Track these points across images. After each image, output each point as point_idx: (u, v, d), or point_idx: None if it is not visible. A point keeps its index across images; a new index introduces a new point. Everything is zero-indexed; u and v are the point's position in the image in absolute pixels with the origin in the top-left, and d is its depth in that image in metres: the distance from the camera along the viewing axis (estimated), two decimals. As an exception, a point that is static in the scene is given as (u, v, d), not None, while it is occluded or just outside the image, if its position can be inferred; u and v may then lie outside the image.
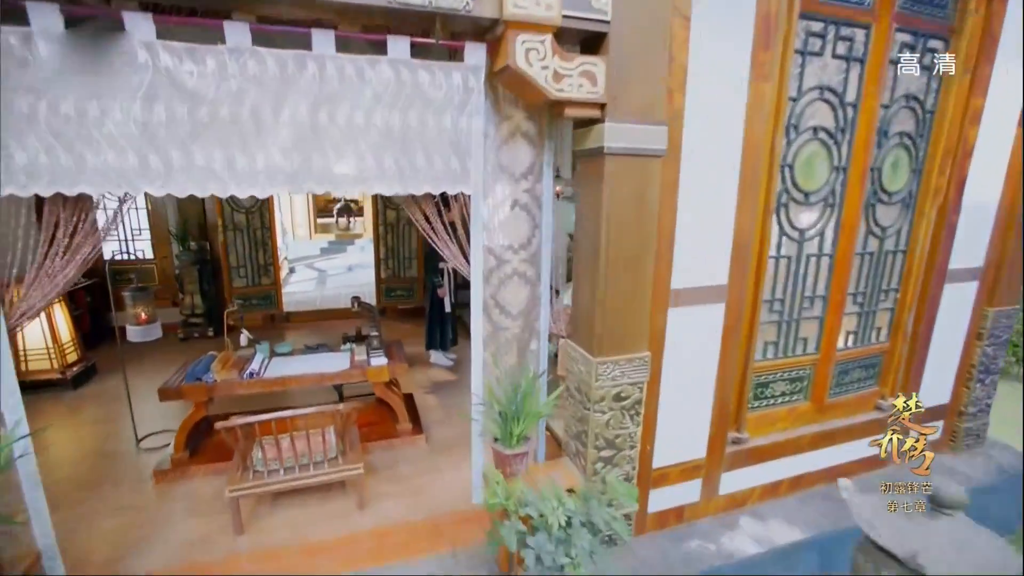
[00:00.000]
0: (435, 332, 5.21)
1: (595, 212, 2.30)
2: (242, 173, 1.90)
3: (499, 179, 2.41)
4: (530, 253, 2.54)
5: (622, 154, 2.21)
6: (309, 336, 6.06)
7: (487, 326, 2.56)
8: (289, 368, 3.50)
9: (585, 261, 2.44)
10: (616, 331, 2.41)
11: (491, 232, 2.45)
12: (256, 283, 6.28)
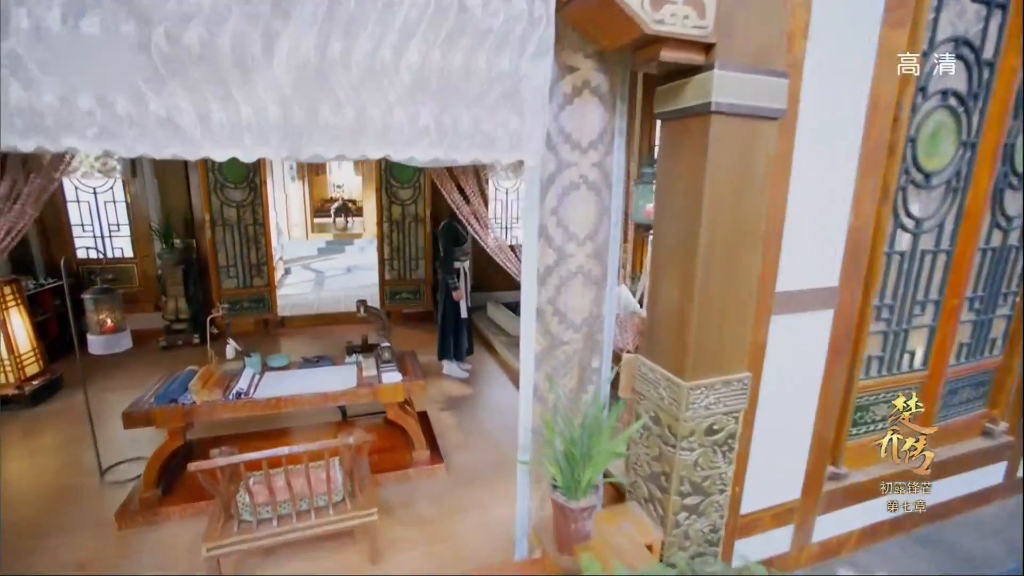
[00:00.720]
0: (449, 340, 4.65)
1: (691, 189, 1.75)
2: (220, 129, 1.34)
3: (560, 149, 1.85)
4: (596, 245, 1.98)
5: (732, 113, 1.66)
6: (307, 344, 5.47)
7: (541, 340, 1.99)
8: (285, 386, 2.93)
9: (671, 255, 1.89)
10: (713, 345, 1.86)
11: (550, 218, 1.89)
12: (248, 285, 5.69)
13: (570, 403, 2.06)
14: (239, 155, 1.36)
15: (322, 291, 7.74)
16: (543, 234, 1.91)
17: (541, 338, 2.00)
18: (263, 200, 5.61)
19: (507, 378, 4.83)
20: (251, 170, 5.50)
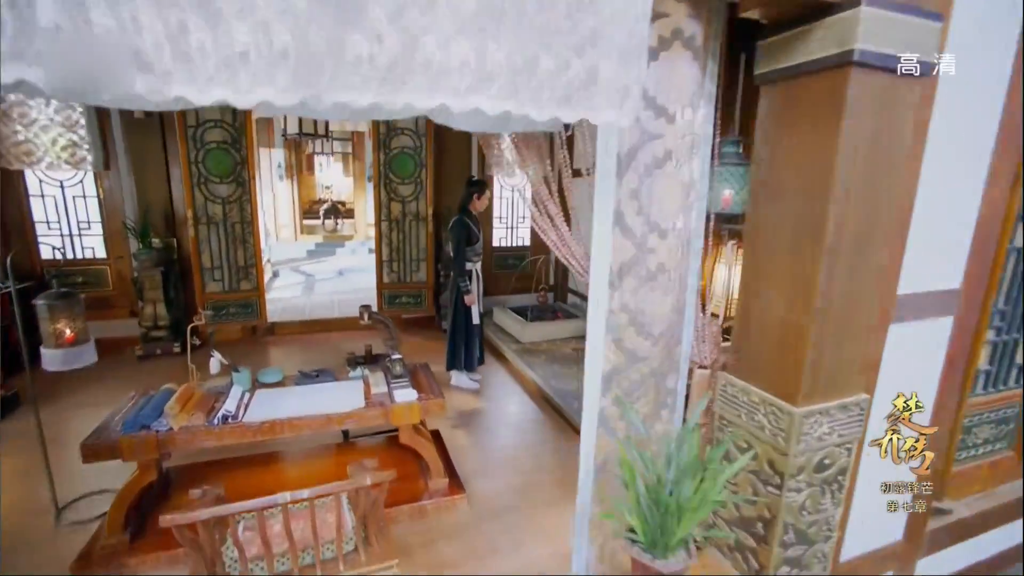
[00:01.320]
0: (460, 348, 4.22)
1: (814, 170, 1.37)
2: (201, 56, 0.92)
3: (642, 115, 1.46)
4: (681, 238, 1.59)
5: (877, 67, 1.28)
6: (300, 355, 5.00)
7: (612, 356, 1.59)
8: (280, 406, 2.48)
9: (776, 252, 1.51)
10: (830, 363, 1.48)
11: (628, 203, 1.50)
12: (234, 288, 5.21)
13: (653, 433, 1.66)
14: (229, 97, 0.95)
15: (313, 295, 7.26)
16: (619, 223, 1.51)
17: (612, 354, 1.60)
18: (252, 196, 5.14)
19: (521, 389, 4.42)
20: (239, 163, 5.03)
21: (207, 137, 4.88)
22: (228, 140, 4.97)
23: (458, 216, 4.06)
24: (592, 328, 1.58)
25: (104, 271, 4.99)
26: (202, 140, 4.87)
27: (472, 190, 4.06)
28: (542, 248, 6.82)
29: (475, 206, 4.11)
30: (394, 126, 5.59)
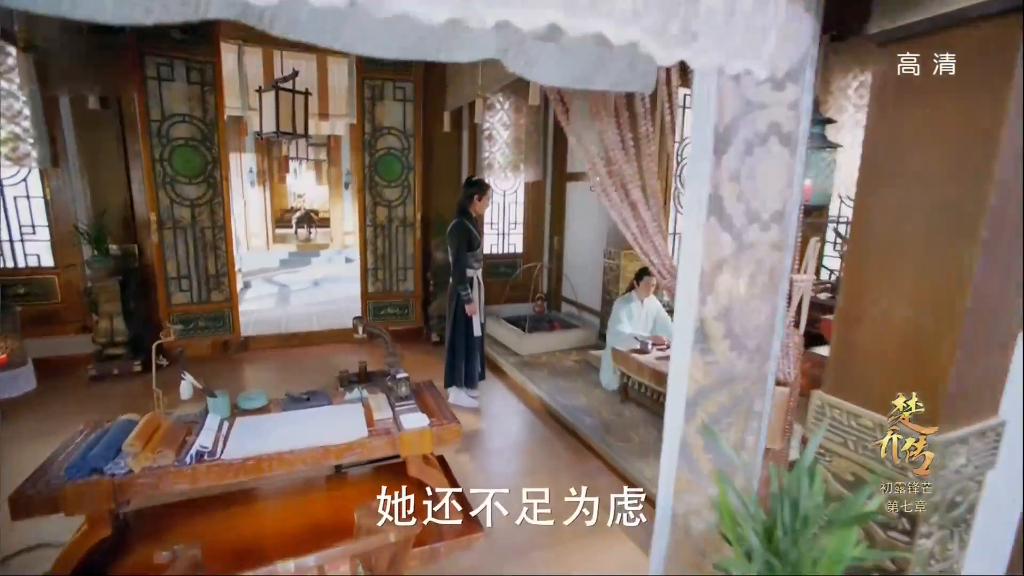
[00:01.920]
0: (460, 364, 3.86)
1: (963, 148, 1.12)
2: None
3: (742, 78, 1.19)
4: (782, 230, 1.32)
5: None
6: (278, 372, 4.54)
7: (700, 374, 1.30)
8: (266, 437, 2.09)
9: (901, 249, 1.25)
10: (970, 382, 1.23)
11: (727, 187, 1.21)
12: (204, 299, 4.71)
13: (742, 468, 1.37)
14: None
15: (289, 307, 6.76)
16: (715, 211, 1.22)
17: (700, 372, 1.30)
18: (224, 199, 4.68)
19: (524, 406, 4.09)
20: (209, 163, 4.58)
21: (173, 133, 4.42)
22: (198, 137, 4.51)
23: (457, 219, 3.73)
24: (678, 341, 1.28)
25: (51, 281, 4.42)
26: (168, 136, 4.41)
27: (472, 191, 3.74)
28: (535, 255, 6.54)
29: (476, 208, 3.79)
30: (379, 125, 5.24)
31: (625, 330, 4.12)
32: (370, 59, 5.06)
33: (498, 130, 5.89)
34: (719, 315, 1.26)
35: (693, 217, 1.21)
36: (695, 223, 1.22)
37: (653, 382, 3.46)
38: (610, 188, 1.49)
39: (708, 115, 1.17)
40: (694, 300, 1.25)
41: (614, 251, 5.15)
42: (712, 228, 1.22)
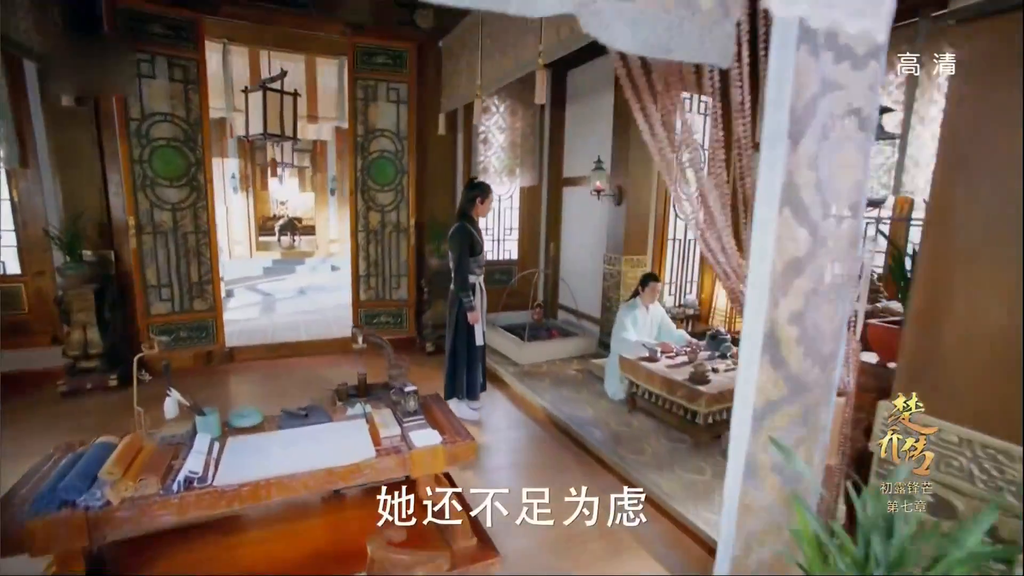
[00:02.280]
0: (462, 375, 3.68)
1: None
2: None
3: (821, 54, 1.06)
4: (855, 225, 1.19)
5: None
6: (267, 384, 4.29)
7: (771, 384, 1.16)
8: (262, 459, 1.88)
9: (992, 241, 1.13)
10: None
11: (804, 174, 1.08)
12: (186, 308, 4.45)
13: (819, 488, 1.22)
14: None
15: (274, 316, 6.50)
16: (790, 203, 1.09)
17: (770, 382, 1.16)
18: (208, 202, 4.44)
19: (527, 417, 3.93)
20: (193, 164, 4.35)
21: (154, 133, 4.19)
22: (180, 137, 4.28)
23: (459, 223, 3.57)
24: (745, 348, 1.14)
25: (18, 289, 4.12)
26: (148, 136, 4.17)
27: (474, 193, 3.59)
28: (531, 262, 6.40)
29: (478, 211, 3.64)
30: (372, 127, 5.06)
31: (631, 337, 3.99)
32: (363, 59, 4.90)
33: (494, 133, 5.76)
34: (793, 318, 1.13)
35: (765, 209, 1.08)
36: (767, 216, 1.08)
37: (664, 391, 3.33)
38: (680, 177, 1.35)
39: (783, 96, 1.05)
40: (764, 302, 1.12)
41: (614, 257, 5.04)
42: (786, 222, 1.09)
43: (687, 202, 1.36)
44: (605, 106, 5.18)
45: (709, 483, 2.79)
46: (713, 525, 2.42)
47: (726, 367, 3.41)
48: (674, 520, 2.57)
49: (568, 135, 6.05)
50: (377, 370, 3.17)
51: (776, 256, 1.10)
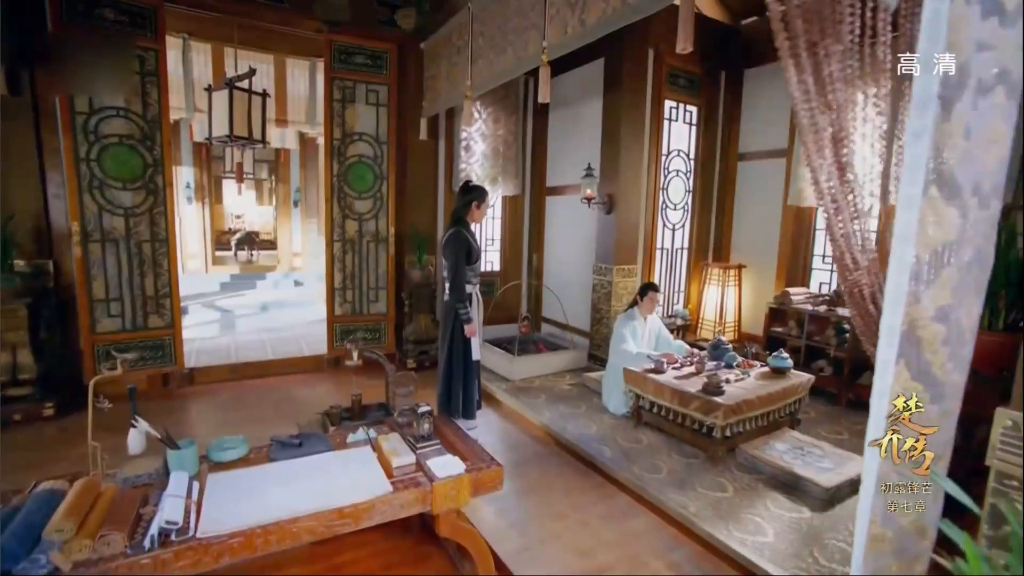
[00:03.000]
0: (457, 391, 3.39)
1: None
2: None
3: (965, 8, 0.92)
4: (996, 208, 1.04)
5: None
6: (233, 409, 3.85)
7: (906, 390, 0.98)
8: (254, 501, 1.56)
9: None
10: None
11: (958, 146, 0.92)
12: (139, 326, 3.96)
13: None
14: None
15: (236, 334, 5.98)
16: (939, 180, 0.93)
17: (905, 387, 0.98)
18: (168, 208, 4.00)
19: (527, 436, 3.67)
20: (150, 165, 3.92)
21: (105, 129, 3.74)
22: (136, 135, 3.85)
23: (454, 228, 3.32)
24: (882, 348, 0.96)
25: (-66, 307, 3.54)
26: (97, 133, 3.72)
27: (471, 198, 3.36)
28: (514, 274, 6.19)
29: (474, 216, 3.41)
30: (350, 131, 4.76)
31: (632, 349, 3.83)
32: (340, 59, 4.62)
33: (476, 140, 5.57)
34: (939, 315, 0.96)
35: (909, 186, 0.92)
36: (912, 193, 0.92)
37: (676, 403, 3.17)
38: (826, 143, 1.17)
39: (932, 57, 0.89)
40: (902, 296, 0.95)
41: (605, 267, 4.90)
42: (932, 201, 0.93)
43: (824, 174, 1.18)
44: (591, 113, 5.10)
45: (734, 501, 2.63)
46: (751, 547, 2.24)
47: (736, 377, 3.29)
48: (705, 543, 2.37)
49: (551, 143, 5.94)
50: (366, 390, 2.86)
51: (918, 242, 0.94)
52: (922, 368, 0.99)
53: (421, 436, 1.93)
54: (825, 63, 1.16)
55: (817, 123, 1.15)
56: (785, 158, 4.78)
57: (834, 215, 1.19)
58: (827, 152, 1.17)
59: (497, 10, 3.48)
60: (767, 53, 4.90)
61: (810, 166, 1.24)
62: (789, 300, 4.36)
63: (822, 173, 1.20)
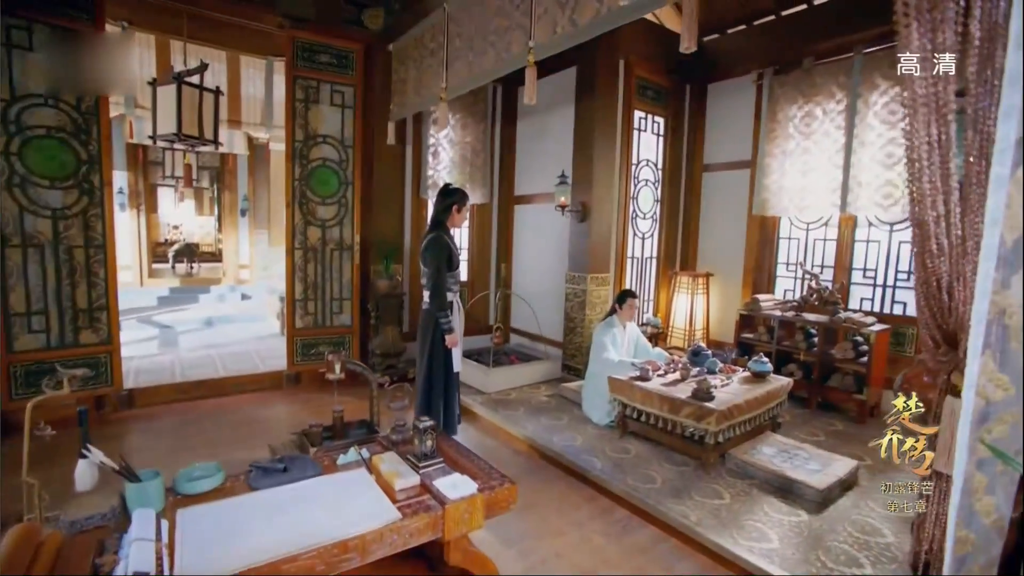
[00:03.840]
0: (437, 406, 3.19)
1: None
2: None
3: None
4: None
5: None
6: (184, 433, 3.44)
7: (991, 384, 0.93)
8: (238, 540, 1.32)
9: None
10: None
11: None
12: (69, 342, 3.48)
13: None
14: None
15: (179, 351, 5.46)
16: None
17: (991, 381, 0.94)
18: (106, 211, 3.58)
19: (509, 450, 3.53)
20: (85, 162, 3.50)
21: (28, 120, 3.31)
22: (67, 127, 3.44)
23: (434, 233, 3.16)
24: (971, 337, 0.91)
25: None
26: (19, 123, 3.29)
27: (451, 201, 3.21)
28: (482, 284, 6.04)
29: (454, 221, 3.25)
30: (313, 133, 4.50)
31: (614, 357, 3.77)
32: (304, 56, 4.37)
33: (444, 147, 5.43)
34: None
35: (998, 167, 0.88)
36: (1001, 174, 0.88)
37: (666, 411, 3.12)
38: (919, 113, 1.11)
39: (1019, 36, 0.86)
40: (989, 284, 0.91)
41: (578, 275, 4.86)
42: (1020, 186, 0.89)
43: (915, 152, 1.13)
44: (561, 121, 5.09)
45: (732, 507, 2.59)
46: (760, 555, 2.19)
47: (721, 382, 3.29)
48: (712, 553, 2.30)
49: (520, 151, 5.89)
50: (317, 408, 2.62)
51: (1005, 226, 0.90)
52: (1009, 357, 0.95)
53: (423, 454, 1.75)
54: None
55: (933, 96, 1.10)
56: (749, 169, 4.95)
57: (929, 193, 1.15)
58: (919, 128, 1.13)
59: (476, 10, 3.39)
60: (729, 68, 5.13)
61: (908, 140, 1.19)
62: (759, 307, 4.47)
63: (918, 147, 1.16)
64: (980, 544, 0.99)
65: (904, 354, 4.10)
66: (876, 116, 4.07)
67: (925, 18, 1.06)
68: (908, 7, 1.05)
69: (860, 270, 4.42)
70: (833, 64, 4.32)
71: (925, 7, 1.06)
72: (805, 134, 4.50)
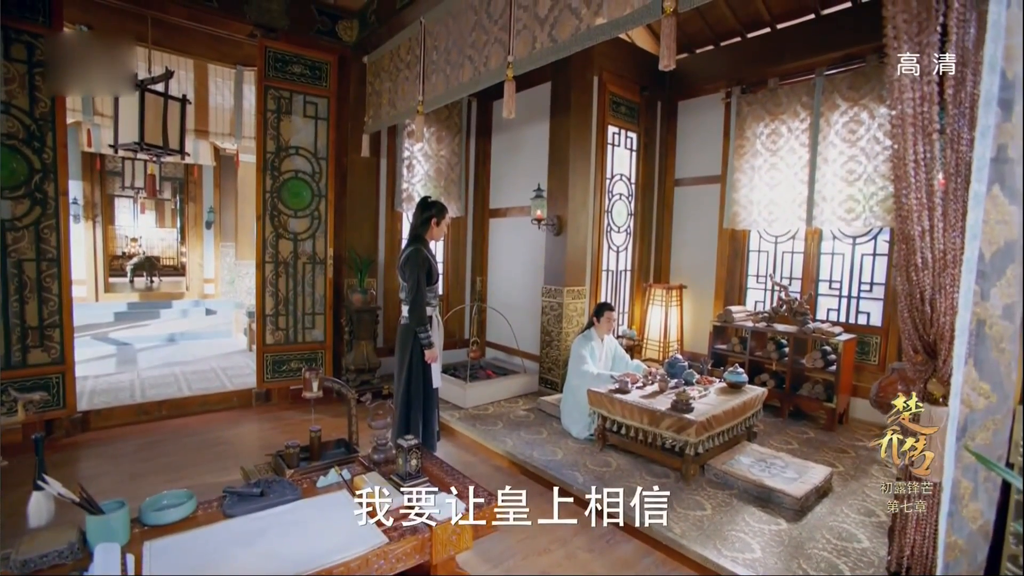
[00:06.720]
0: (416, 422, 3.12)
1: None
2: None
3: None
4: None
5: None
6: (144, 458, 3.24)
7: (973, 390, 0.96)
8: (214, 569, 1.24)
9: None
10: None
11: (1012, 146, 0.94)
12: (16, 362, 3.25)
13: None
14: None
15: (139, 369, 5.18)
16: (998, 178, 0.94)
17: (973, 388, 0.97)
18: (61, 222, 3.39)
19: (490, 466, 3.46)
20: (38, 171, 3.32)
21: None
22: (19, 134, 3.26)
23: (413, 247, 3.11)
24: (956, 349, 0.94)
25: None
26: (-32, 130, 3.10)
27: (429, 214, 3.17)
28: (457, 298, 5.99)
29: (433, 234, 3.22)
30: (285, 144, 4.40)
31: (592, 370, 3.78)
32: (276, 67, 4.28)
33: (419, 160, 5.40)
34: (1006, 312, 0.96)
35: (976, 184, 0.92)
36: (978, 191, 0.92)
37: (646, 422, 3.13)
38: (907, 132, 1.14)
39: (997, 56, 0.91)
40: (970, 295, 0.94)
41: (555, 288, 4.87)
42: (996, 200, 0.94)
43: (903, 157, 1.16)
44: (536, 136, 5.15)
45: (714, 518, 2.60)
46: (744, 565, 2.20)
47: (699, 393, 3.33)
48: (696, 565, 2.30)
49: (495, 165, 5.91)
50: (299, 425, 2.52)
51: (982, 240, 0.94)
52: (989, 367, 0.98)
53: (408, 474, 1.69)
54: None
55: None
56: (719, 184, 5.10)
57: (915, 209, 1.19)
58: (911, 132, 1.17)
59: (453, 25, 3.40)
60: (698, 87, 5.30)
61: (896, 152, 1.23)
62: (731, 318, 4.57)
63: (907, 154, 1.19)
64: (968, 549, 1.02)
65: (869, 362, 4.26)
66: (837, 135, 4.27)
67: (914, 42, 1.11)
68: (898, 31, 1.10)
69: (826, 281, 4.59)
70: (797, 84, 4.52)
71: (914, 32, 1.11)
72: (772, 150, 4.68)
